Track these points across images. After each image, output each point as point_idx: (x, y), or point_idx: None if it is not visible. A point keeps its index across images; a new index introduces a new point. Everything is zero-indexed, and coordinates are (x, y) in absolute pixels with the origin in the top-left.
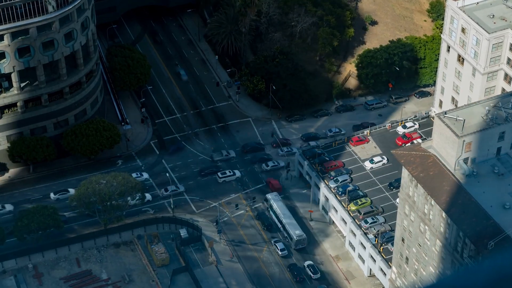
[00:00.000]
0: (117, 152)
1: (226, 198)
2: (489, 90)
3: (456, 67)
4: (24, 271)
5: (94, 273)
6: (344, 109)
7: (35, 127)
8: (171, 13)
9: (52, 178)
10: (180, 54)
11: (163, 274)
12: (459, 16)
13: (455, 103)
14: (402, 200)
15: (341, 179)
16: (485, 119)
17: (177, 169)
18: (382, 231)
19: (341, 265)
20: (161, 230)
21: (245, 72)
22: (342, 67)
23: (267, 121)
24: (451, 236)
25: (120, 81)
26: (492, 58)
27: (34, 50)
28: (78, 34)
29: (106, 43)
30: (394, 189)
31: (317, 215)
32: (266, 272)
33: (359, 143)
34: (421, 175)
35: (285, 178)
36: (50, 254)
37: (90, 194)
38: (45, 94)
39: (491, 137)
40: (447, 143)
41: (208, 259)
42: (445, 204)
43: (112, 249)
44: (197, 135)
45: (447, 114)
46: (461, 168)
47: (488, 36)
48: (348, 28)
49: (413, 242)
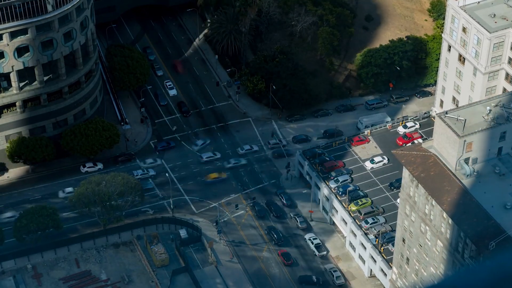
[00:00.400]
0: (116, 152)
1: (226, 198)
2: (490, 89)
3: (457, 67)
4: (23, 271)
5: (93, 274)
6: (344, 109)
7: (34, 127)
8: (171, 13)
9: (51, 178)
10: (179, 53)
11: (162, 274)
12: (460, 16)
13: (456, 103)
14: (402, 201)
15: (341, 179)
16: (486, 119)
17: (176, 169)
18: (382, 232)
19: (341, 265)
20: (160, 230)
21: (245, 72)
22: (342, 66)
23: (267, 121)
24: (452, 236)
25: (120, 81)
26: (493, 57)
27: (33, 49)
28: (77, 34)
29: (105, 42)
30: (395, 189)
31: (318, 216)
32: (266, 272)
33: (360, 143)
34: (422, 175)
35: (285, 178)
36: (49, 254)
37: (89, 194)
38: (44, 94)
39: (492, 137)
40: (448, 143)
41: (208, 260)
42: (446, 205)
43: (111, 249)
44: (197, 135)
45: (448, 114)
46: (462, 168)
47: (489, 36)
48: (348, 27)
49: (414, 242)
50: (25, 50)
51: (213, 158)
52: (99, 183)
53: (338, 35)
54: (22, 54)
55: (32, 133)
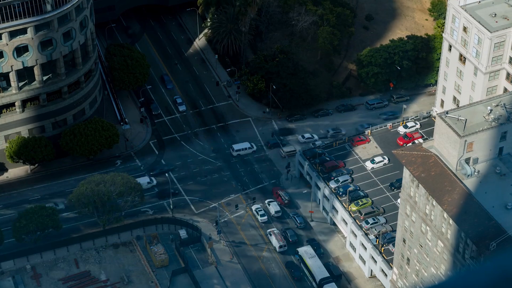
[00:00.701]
0: (116, 152)
1: (226, 198)
2: (491, 89)
3: (457, 67)
4: (22, 272)
5: (92, 274)
6: (345, 109)
7: (33, 127)
8: (171, 12)
9: (50, 178)
10: (179, 53)
11: (162, 275)
12: (460, 15)
13: (456, 103)
14: (403, 201)
15: (341, 179)
16: (487, 119)
17: (176, 169)
18: (383, 232)
19: (341, 266)
20: (160, 230)
21: (245, 72)
22: (342, 66)
23: (267, 121)
24: (453, 237)
25: (119, 81)
26: (494, 57)
27: (32, 49)
28: (76, 33)
29: (105, 42)
30: (395, 190)
31: (318, 216)
32: (266, 273)
33: (360, 143)
34: (423, 175)
35: (285, 179)
36: (48, 255)
37: (89, 195)
38: (43, 94)
39: (493, 137)
40: (449, 143)
41: (208, 260)
42: (446, 205)
43: (111, 250)
44: (197, 135)
45: (449, 113)
46: (463, 168)
47: (490, 35)
48: (348, 27)
49: (415, 243)
50: (24, 50)
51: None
52: (98, 183)
53: (339, 35)
54: (21, 53)
55: (31, 133)
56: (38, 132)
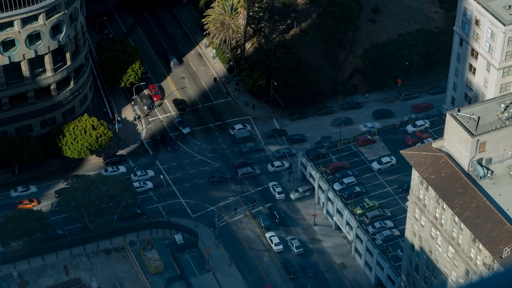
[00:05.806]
0: (108, 153)
1: (224, 201)
2: (505, 86)
3: (469, 62)
4: (9, 279)
5: (83, 282)
6: (350, 107)
7: (20, 126)
8: (166, 4)
9: (38, 180)
10: (175, 47)
11: (157, 282)
12: (472, 7)
13: (468, 100)
14: (412, 204)
15: (346, 181)
16: (501, 117)
17: (171, 171)
18: (390, 237)
19: (346, 273)
20: (155, 235)
21: (245, 67)
22: (347, 61)
23: (268, 119)
24: (464, 242)
25: (111, 77)
26: (508, 52)
27: (19, 43)
28: (66, 27)
29: (96, 36)
30: (404, 192)
31: (321, 220)
32: (266, 279)
33: (366, 143)
34: (432, 177)
35: (287, 180)
36: (36, 261)
37: (78, 197)
38: (31, 91)
39: (507, 136)
40: (460, 142)
41: (205, 267)
42: (457, 208)
43: (102, 256)
44: (193, 134)
45: (460, 111)
46: (475, 170)
47: (504, 29)
48: (354, 20)
49: (424, 248)
50: (10, 44)
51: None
52: (89, 185)
53: (343, 28)
54: (7, 48)
55: (18, 132)
56: (25, 131)
